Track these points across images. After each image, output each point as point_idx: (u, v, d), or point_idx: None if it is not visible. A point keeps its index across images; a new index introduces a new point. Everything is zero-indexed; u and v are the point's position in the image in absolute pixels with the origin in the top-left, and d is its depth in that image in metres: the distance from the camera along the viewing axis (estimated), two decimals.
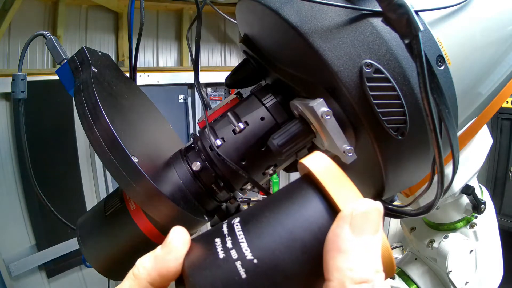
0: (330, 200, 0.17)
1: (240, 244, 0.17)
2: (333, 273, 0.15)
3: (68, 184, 1.64)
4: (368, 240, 0.16)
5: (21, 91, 0.47)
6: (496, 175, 1.91)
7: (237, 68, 0.36)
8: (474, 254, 0.53)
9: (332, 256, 0.16)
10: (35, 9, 1.57)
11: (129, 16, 0.43)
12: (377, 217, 0.16)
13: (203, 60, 2.14)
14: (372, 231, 0.16)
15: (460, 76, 0.27)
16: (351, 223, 0.16)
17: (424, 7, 0.26)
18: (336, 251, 0.16)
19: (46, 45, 0.41)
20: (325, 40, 0.25)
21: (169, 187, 0.32)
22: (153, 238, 0.34)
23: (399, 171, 0.28)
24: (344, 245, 0.16)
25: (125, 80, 0.43)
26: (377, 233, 0.16)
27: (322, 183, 0.17)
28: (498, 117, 1.84)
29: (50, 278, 1.59)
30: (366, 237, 0.16)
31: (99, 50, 0.39)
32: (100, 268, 0.35)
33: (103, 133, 0.28)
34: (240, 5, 0.34)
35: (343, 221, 0.16)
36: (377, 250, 0.16)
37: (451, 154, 0.26)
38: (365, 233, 0.16)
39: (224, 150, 0.33)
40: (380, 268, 0.16)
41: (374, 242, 0.16)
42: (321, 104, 0.26)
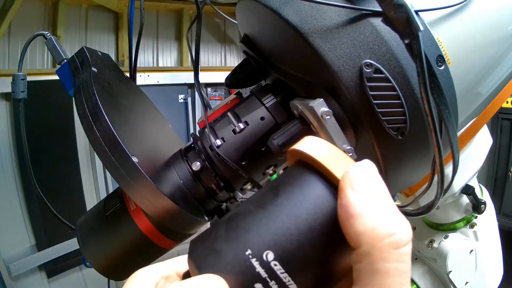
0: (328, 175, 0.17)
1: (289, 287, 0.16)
2: (358, 239, 0.15)
3: (68, 184, 1.64)
4: (375, 195, 0.16)
5: (21, 91, 0.47)
6: (496, 175, 1.91)
7: (237, 68, 0.36)
8: (474, 254, 0.53)
9: (350, 225, 0.16)
10: (35, 9, 1.57)
11: (129, 16, 0.43)
12: (373, 171, 0.17)
13: (203, 60, 2.14)
14: (374, 185, 0.16)
15: (460, 76, 0.27)
16: (352, 187, 0.16)
17: (424, 7, 0.26)
18: (351, 218, 0.15)
19: (46, 45, 0.41)
20: (325, 40, 0.25)
21: (169, 187, 0.32)
22: (153, 238, 0.34)
23: (399, 171, 0.28)
24: (355, 210, 0.15)
25: (125, 80, 0.43)
26: (380, 185, 0.16)
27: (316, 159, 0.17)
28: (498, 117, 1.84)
29: (50, 278, 1.59)
30: (372, 193, 0.16)
31: (99, 50, 0.39)
32: (100, 268, 0.35)
33: (103, 133, 0.28)
34: (240, 5, 0.34)
35: (345, 189, 0.16)
36: (388, 201, 0.16)
37: (451, 154, 0.26)
38: (369, 190, 0.16)
39: (224, 150, 0.33)
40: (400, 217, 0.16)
41: (381, 195, 0.16)
42: (321, 104, 0.26)
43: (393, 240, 0.15)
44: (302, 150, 0.18)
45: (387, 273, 0.15)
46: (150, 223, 0.34)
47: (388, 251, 0.15)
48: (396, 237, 0.15)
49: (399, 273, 0.15)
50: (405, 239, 0.15)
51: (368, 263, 0.15)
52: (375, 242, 0.15)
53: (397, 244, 0.15)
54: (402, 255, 0.15)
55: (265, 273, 0.16)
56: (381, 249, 0.15)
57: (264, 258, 0.16)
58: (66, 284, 1.65)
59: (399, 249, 0.15)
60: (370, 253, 0.15)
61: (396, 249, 0.15)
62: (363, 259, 0.15)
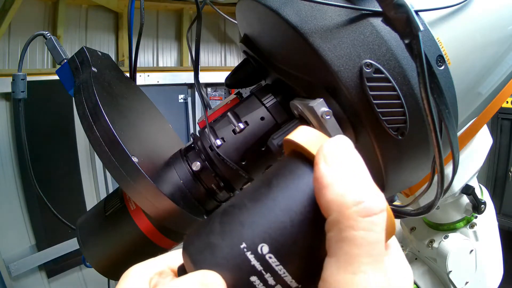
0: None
1: (284, 279, 0.16)
2: (328, 208, 0.15)
3: (68, 184, 1.64)
4: (346, 166, 0.16)
5: (21, 91, 0.47)
6: (496, 175, 1.91)
7: (237, 68, 0.36)
8: (474, 254, 0.53)
9: (322, 195, 0.16)
10: (35, 9, 1.57)
11: (129, 16, 0.43)
12: (346, 144, 0.17)
13: (203, 60, 2.14)
14: (347, 157, 0.16)
15: (460, 76, 0.27)
16: (325, 160, 0.16)
17: (424, 7, 0.26)
18: (322, 189, 0.16)
19: (46, 45, 0.41)
20: (325, 40, 0.25)
21: (169, 187, 0.32)
22: (153, 238, 0.34)
23: (399, 171, 0.28)
24: (327, 180, 0.16)
25: (125, 80, 0.43)
26: (352, 156, 0.16)
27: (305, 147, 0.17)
28: (498, 117, 1.85)
29: (50, 278, 1.59)
30: (344, 164, 0.16)
31: (99, 50, 0.40)
32: (100, 268, 0.35)
33: (103, 133, 0.28)
34: (240, 5, 0.34)
35: (318, 162, 0.16)
36: (361, 171, 0.16)
37: (451, 154, 0.26)
38: (341, 161, 0.16)
39: (224, 150, 0.33)
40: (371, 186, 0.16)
41: (354, 165, 0.16)
42: (321, 104, 0.26)
43: (361, 208, 0.15)
44: (292, 139, 0.18)
45: (354, 241, 0.15)
46: (150, 223, 0.34)
47: (355, 219, 0.15)
48: (364, 205, 0.15)
49: (367, 243, 0.15)
50: (375, 208, 0.15)
51: (337, 231, 0.15)
52: (343, 210, 0.15)
53: (366, 212, 0.15)
54: (371, 224, 0.15)
55: (260, 266, 0.16)
56: (349, 217, 0.15)
57: (259, 251, 0.16)
58: (66, 284, 1.65)
59: (367, 218, 0.15)
60: (338, 221, 0.15)
61: (364, 217, 0.15)
62: (332, 227, 0.15)
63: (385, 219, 0.15)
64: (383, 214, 0.15)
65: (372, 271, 0.15)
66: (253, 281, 0.16)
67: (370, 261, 0.15)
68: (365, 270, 0.15)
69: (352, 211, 0.15)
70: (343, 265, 0.15)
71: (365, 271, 0.15)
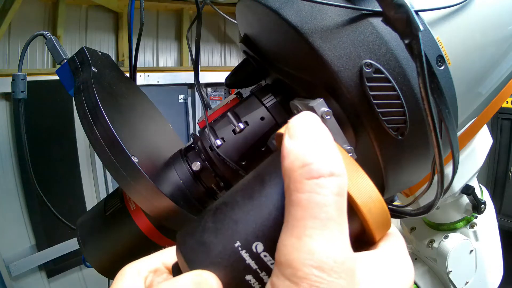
0: None
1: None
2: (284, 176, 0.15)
3: (68, 184, 1.64)
4: (305, 136, 0.16)
5: (21, 91, 0.47)
6: (496, 175, 1.91)
7: (237, 68, 0.36)
8: (474, 254, 0.53)
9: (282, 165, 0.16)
10: (35, 9, 1.57)
11: (129, 16, 0.43)
12: (309, 118, 0.16)
13: (203, 60, 2.14)
14: (308, 129, 0.16)
15: (460, 76, 0.27)
16: (288, 133, 0.16)
17: (424, 7, 0.26)
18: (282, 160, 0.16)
19: (46, 45, 0.41)
20: (325, 40, 0.25)
21: (169, 187, 0.32)
22: (153, 238, 0.34)
23: (399, 171, 0.28)
24: (286, 151, 0.15)
25: (125, 80, 0.43)
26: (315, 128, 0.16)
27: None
28: (498, 117, 1.85)
29: (50, 278, 1.59)
30: (303, 135, 0.16)
31: (99, 50, 0.39)
32: (100, 268, 0.35)
33: (103, 133, 0.28)
34: (240, 5, 0.34)
35: (283, 137, 0.16)
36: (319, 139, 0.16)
37: (451, 154, 0.26)
38: (301, 133, 0.16)
39: (224, 150, 0.33)
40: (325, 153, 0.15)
41: (311, 136, 0.16)
42: (321, 104, 0.26)
43: (307, 170, 0.14)
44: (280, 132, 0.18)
45: (299, 203, 0.14)
46: (150, 223, 0.34)
47: (300, 181, 0.14)
48: (311, 167, 0.14)
49: (312, 205, 0.14)
50: (322, 170, 0.14)
51: (287, 196, 0.15)
52: (291, 173, 0.15)
53: (311, 174, 0.14)
54: (317, 186, 0.14)
55: (255, 265, 0.16)
56: (295, 179, 0.14)
57: (254, 250, 0.16)
58: (66, 284, 1.65)
59: (313, 179, 0.14)
60: (288, 185, 0.15)
61: (310, 179, 0.14)
62: (285, 193, 0.15)
63: (339, 186, 0.15)
64: (333, 178, 0.14)
65: (320, 236, 0.14)
66: (248, 280, 0.16)
67: (317, 226, 0.14)
68: (310, 234, 0.14)
69: (298, 173, 0.14)
70: (290, 229, 0.14)
71: (310, 235, 0.14)
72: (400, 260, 0.17)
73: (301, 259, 0.13)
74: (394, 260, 0.17)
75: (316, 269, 0.13)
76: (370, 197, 0.16)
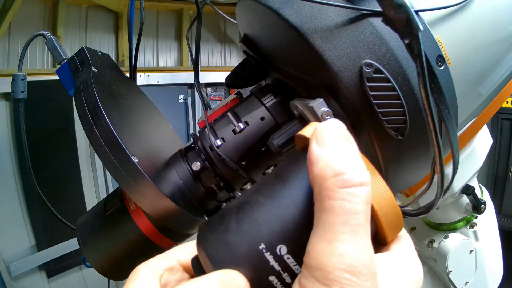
0: None
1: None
2: (313, 182, 0.16)
3: (68, 184, 1.64)
4: (333, 143, 0.16)
5: (21, 91, 0.47)
6: (496, 175, 1.91)
7: (237, 68, 0.36)
8: (474, 254, 0.53)
9: (310, 172, 0.16)
10: (35, 9, 1.57)
11: (129, 16, 0.43)
12: (337, 124, 0.17)
13: (203, 60, 2.14)
14: (336, 136, 0.17)
15: (460, 76, 0.27)
16: (316, 140, 0.17)
17: (424, 7, 0.26)
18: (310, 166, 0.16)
19: (46, 45, 0.41)
20: (325, 40, 0.25)
21: (169, 187, 0.32)
22: (153, 238, 0.34)
23: (399, 171, 0.28)
24: (314, 157, 0.16)
25: (125, 80, 0.43)
26: (342, 136, 0.17)
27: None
28: (498, 117, 1.85)
29: (50, 278, 1.59)
30: (332, 142, 0.16)
31: (99, 50, 0.39)
32: (100, 268, 0.35)
33: (103, 133, 0.28)
34: (240, 5, 0.34)
35: (310, 142, 0.17)
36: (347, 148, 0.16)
37: (451, 154, 0.26)
38: (329, 140, 0.16)
39: (224, 150, 0.33)
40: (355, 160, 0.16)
41: (340, 144, 0.16)
42: (321, 104, 0.26)
43: (339, 179, 0.15)
44: (302, 134, 0.19)
45: (331, 210, 0.15)
46: (150, 223, 0.34)
47: (333, 189, 0.15)
48: (344, 176, 0.15)
49: (344, 212, 0.15)
50: (354, 180, 0.15)
51: (318, 202, 0.15)
52: (323, 181, 0.15)
53: (344, 183, 0.15)
54: (348, 194, 0.15)
55: (278, 266, 0.16)
56: (327, 187, 0.15)
57: (278, 252, 0.16)
58: (66, 284, 1.65)
59: (346, 188, 0.15)
60: (319, 192, 0.15)
61: (342, 188, 0.15)
62: (315, 200, 0.16)
63: (368, 194, 0.16)
64: (363, 187, 0.15)
65: (350, 241, 0.15)
66: (272, 281, 0.16)
67: (348, 231, 0.15)
68: (341, 239, 0.15)
69: (331, 182, 0.15)
70: (321, 233, 0.15)
71: (341, 240, 0.15)
72: (411, 261, 0.18)
73: (332, 262, 0.14)
74: (406, 262, 0.18)
75: (347, 272, 0.14)
76: (386, 201, 0.17)
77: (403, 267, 0.17)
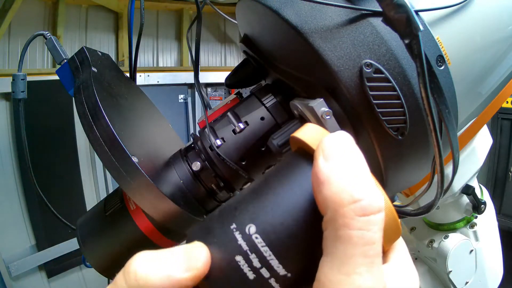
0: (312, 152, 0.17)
1: (270, 262, 0.16)
2: (325, 205, 0.15)
3: (68, 184, 1.64)
4: (345, 162, 0.15)
5: (21, 91, 0.47)
6: (496, 175, 1.91)
7: (237, 68, 0.36)
8: (474, 254, 0.53)
9: (319, 191, 0.15)
10: (35, 9, 1.57)
11: (129, 16, 0.43)
12: (346, 139, 0.16)
13: (203, 60, 2.14)
14: (346, 153, 0.16)
15: (460, 76, 0.27)
16: (324, 155, 0.16)
17: (424, 7, 0.26)
18: (320, 185, 0.15)
19: (46, 45, 0.41)
20: (325, 40, 0.25)
21: (169, 187, 0.32)
22: (153, 238, 0.34)
23: (399, 171, 0.28)
24: (324, 175, 0.15)
25: (125, 80, 0.43)
26: (352, 153, 0.16)
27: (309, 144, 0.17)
28: (498, 117, 1.85)
29: (50, 278, 1.59)
30: (343, 160, 0.15)
31: (99, 50, 0.39)
32: (100, 268, 0.35)
33: (103, 133, 0.28)
34: (240, 5, 0.34)
35: (317, 157, 0.16)
36: (360, 168, 0.15)
37: (451, 154, 0.26)
38: (340, 157, 0.15)
39: (224, 150, 0.33)
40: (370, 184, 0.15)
41: (353, 162, 0.15)
42: (321, 104, 0.26)
43: (358, 207, 0.14)
44: (297, 136, 0.18)
45: (349, 240, 0.14)
46: (150, 223, 0.34)
47: (351, 217, 0.14)
48: (362, 203, 0.14)
49: (363, 243, 0.14)
50: (373, 207, 0.14)
51: (332, 229, 0.15)
52: (338, 207, 0.14)
53: (363, 211, 0.14)
54: (368, 223, 0.14)
55: (246, 246, 0.16)
56: (345, 215, 0.14)
57: (246, 231, 0.16)
58: (66, 284, 1.65)
59: (365, 217, 0.14)
60: (334, 218, 0.14)
61: (361, 216, 0.14)
62: (328, 225, 0.15)
63: (383, 218, 0.15)
64: (381, 213, 0.15)
65: (367, 273, 0.14)
66: (238, 261, 0.16)
67: (366, 263, 0.14)
68: (359, 271, 0.14)
69: (349, 209, 0.14)
70: (337, 265, 0.14)
71: (360, 273, 0.14)
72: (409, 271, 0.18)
73: None
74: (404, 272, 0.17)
75: None
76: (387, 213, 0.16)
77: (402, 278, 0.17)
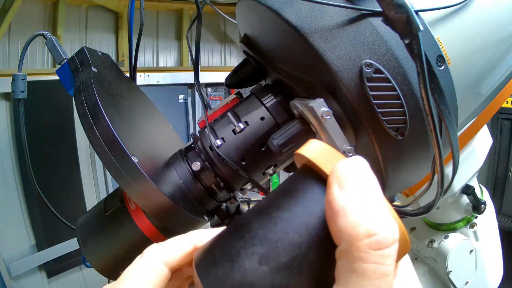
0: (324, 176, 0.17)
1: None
2: (339, 236, 0.15)
3: (68, 184, 1.64)
4: (361, 192, 0.15)
5: (21, 91, 0.47)
6: (496, 175, 1.91)
7: (237, 68, 0.36)
8: (474, 254, 0.53)
9: (333, 221, 0.15)
10: (35, 9, 1.57)
11: (129, 16, 0.43)
12: (361, 166, 0.16)
13: (203, 60, 2.14)
14: (362, 182, 0.15)
15: (460, 76, 0.27)
16: (338, 183, 0.15)
17: (424, 7, 0.26)
18: (334, 215, 0.15)
19: (46, 45, 0.41)
20: (325, 40, 0.25)
21: (169, 187, 0.32)
22: (153, 238, 0.34)
23: (399, 171, 0.28)
24: (339, 205, 0.15)
25: (125, 80, 0.43)
26: (369, 181, 0.15)
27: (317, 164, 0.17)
28: (498, 117, 1.84)
29: (50, 278, 1.59)
30: (358, 190, 0.15)
31: (99, 50, 0.39)
32: (100, 268, 0.35)
33: (103, 133, 0.28)
34: (240, 5, 0.34)
35: (331, 185, 0.15)
36: (376, 199, 0.15)
37: (451, 154, 0.26)
38: (355, 186, 0.15)
39: (224, 150, 0.33)
40: (386, 216, 0.15)
41: (369, 191, 0.15)
42: (321, 104, 0.26)
43: (374, 241, 0.14)
44: (304, 154, 0.18)
45: (364, 274, 0.14)
46: (150, 223, 0.34)
47: (366, 251, 0.14)
48: (377, 237, 0.14)
49: (377, 276, 0.14)
50: (387, 241, 0.14)
51: (346, 262, 0.15)
52: (353, 241, 0.14)
53: (378, 245, 0.14)
54: (382, 257, 0.14)
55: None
56: (360, 248, 0.14)
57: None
58: (66, 284, 1.65)
59: (379, 251, 0.14)
60: (348, 251, 0.14)
61: (376, 250, 0.14)
62: (342, 257, 0.15)
63: (397, 249, 0.15)
64: (395, 246, 0.15)
65: None
66: None
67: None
68: None
69: (364, 243, 0.14)
70: None
71: None
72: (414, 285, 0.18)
73: None
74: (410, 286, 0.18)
75: None
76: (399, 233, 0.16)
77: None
